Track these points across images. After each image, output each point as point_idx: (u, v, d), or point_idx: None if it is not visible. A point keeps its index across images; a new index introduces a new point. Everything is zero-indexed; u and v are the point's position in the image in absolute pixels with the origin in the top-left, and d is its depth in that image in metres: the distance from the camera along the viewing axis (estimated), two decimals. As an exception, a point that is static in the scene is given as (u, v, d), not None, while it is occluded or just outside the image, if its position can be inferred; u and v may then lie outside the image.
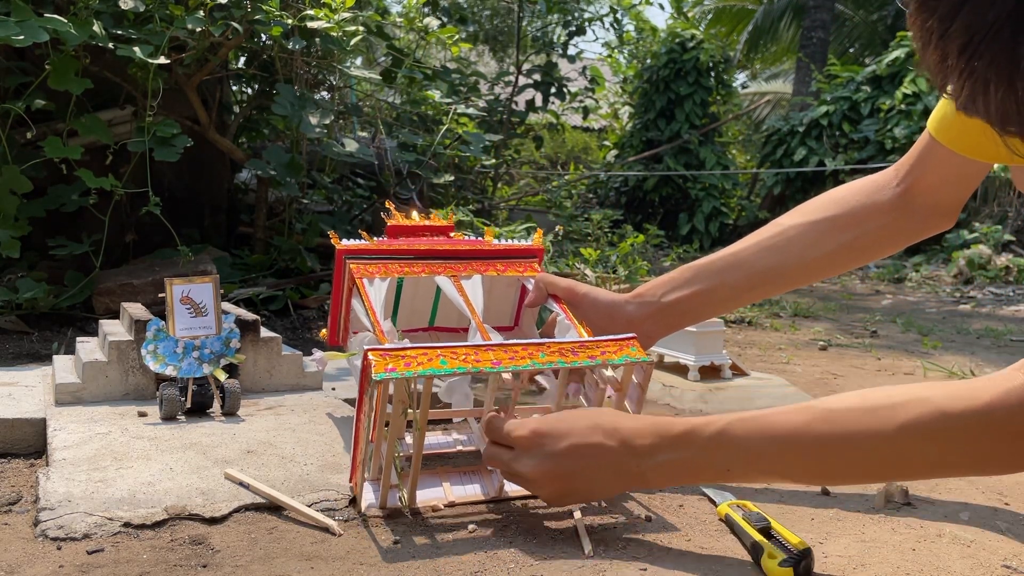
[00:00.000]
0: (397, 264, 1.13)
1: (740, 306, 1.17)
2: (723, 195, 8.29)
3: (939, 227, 1.07)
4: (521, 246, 1.21)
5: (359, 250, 1.13)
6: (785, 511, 1.02)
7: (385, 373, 0.87)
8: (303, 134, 2.60)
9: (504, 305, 1.25)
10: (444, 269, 1.14)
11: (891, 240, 1.08)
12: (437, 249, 1.16)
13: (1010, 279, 4.93)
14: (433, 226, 1.20)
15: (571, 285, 1.13)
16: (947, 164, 0.99)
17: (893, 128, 6.91)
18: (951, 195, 1.03)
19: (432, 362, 0.90)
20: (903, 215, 1.05)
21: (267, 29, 2.35)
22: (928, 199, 1.04)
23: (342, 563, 0.83)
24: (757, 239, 1.11)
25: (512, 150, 5.72)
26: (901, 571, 0.84)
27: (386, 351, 0.90)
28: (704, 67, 8.24)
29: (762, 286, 1.11)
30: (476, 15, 7.67)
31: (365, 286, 1.07)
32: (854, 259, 1.09)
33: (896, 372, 2.13)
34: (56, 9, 2.19)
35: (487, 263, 1.17)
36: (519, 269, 1.18)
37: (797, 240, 1.08)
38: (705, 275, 1.11)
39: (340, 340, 1.20)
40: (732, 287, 1.10)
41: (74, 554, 0.83)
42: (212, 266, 2.27)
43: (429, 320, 1.27)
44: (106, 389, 1.30)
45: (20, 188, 2.09)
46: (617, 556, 0.86)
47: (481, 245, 1.19)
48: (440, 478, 1.03)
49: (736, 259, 1.10)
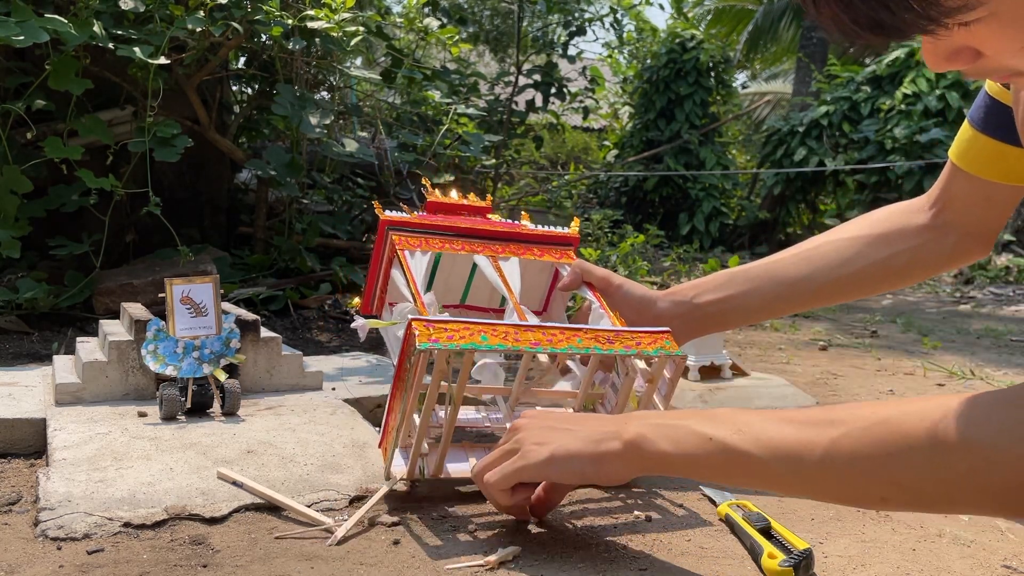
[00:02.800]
0: (438, 239, 1.14)
1: (771, 317, 1.18)
2: (723, 195, 8.29)
3: (972, 253, 1.08)
4: (558, 233, 1.22)
5: (402, 222, 1.14)
6: (785, 511, 1.02)
7: (429, 344, 0.89)
8: (303, 134, 2.60)
9: (536, 289, 1.26)
10: (483, 249, 1.15)
11: (924, 264, 1.08)
12: (477, 228, 1.17)
13: (1010, 279, 4.93)
14: (471, 205, 1.21)
15: (607, 275, 1.15)
16: (971, 188, 1.02)
17: (893, 128, 6.91)
18: (980, 219, 1.05)
19: (473, 337, 0.92)
20: (936, 238, 1.06)
21: (267, 29, 2.35)
22: (958, 223, 1.05)
23: (342, 563, 0.83)
24: (793, 251, 1.13)
25: (512, 150, 5.72)
26: (901, 571, 0.84)
27: (430, 322, 0.92)
28: (704, 67, 8.24)
29: (792, 298, 1.11)
30: (476, 15, 7.68)
31: (407, 258, 1.08)
32: (886, 280, 1.10)
33: (896, 372, 2.13)
34: (56, 9, 2.19)
35: (524, 247, 1.18)
36: (555, 255, 1.19)
37: (831, 254, 1.09)
38: (739, 281, 1.12)
39: (374, 309, 1.21)
40: (763, 295, 1.11)
41: (74, 554, 0.83)
42: (212, 266, 2.27)
43: (461, 297, 1.28)
44: (106, 389, 1.30)
45: (20, 188, 2.09)
46: (617, 556, 0.86)
47: (519, 228, 1.20)
48: (467, 452, 1.04)
49: (770, 268, 1.12)
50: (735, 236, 8.21)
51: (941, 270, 1.11)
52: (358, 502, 0.99)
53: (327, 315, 2.51)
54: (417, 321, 0.92)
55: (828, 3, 0.54)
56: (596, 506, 1.01)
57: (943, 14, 0.52)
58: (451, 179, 3.37)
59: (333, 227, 3.13)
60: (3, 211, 2.08)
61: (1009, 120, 0.93)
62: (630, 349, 0.99)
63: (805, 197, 8.02)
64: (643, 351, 0.99)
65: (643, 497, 1.06)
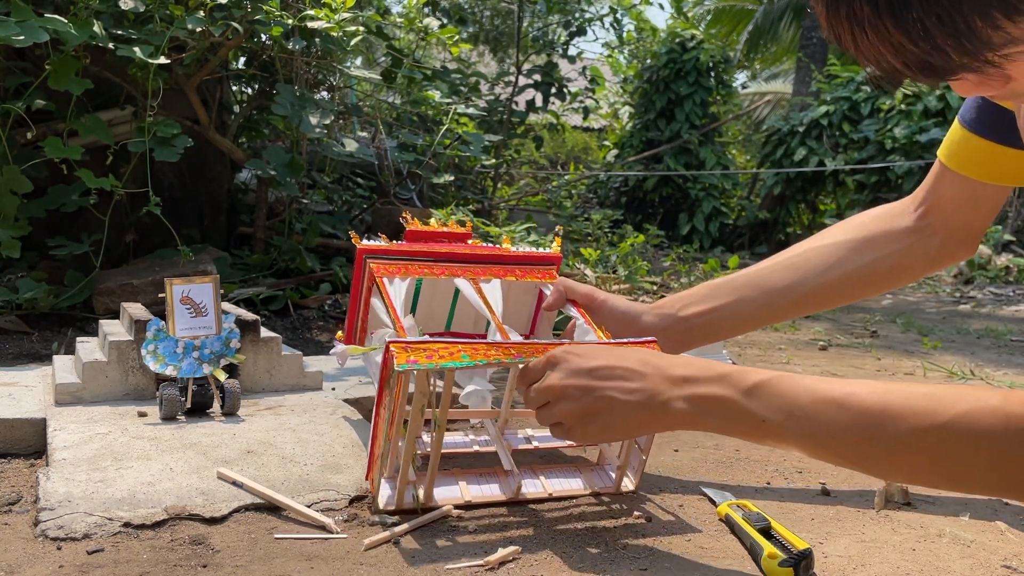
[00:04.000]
0: (417, 265, 1.13)
1: (759, 326, 1.16)
2: (723, 195, 8.29)
3: (958, 254, 1.07)
4: (540, 253, 1.22)
5: (380, 250, 1.13)
6: (785, 511, 1.02)
7: (407, 364, 0.87)
8: (303, 134, 2.60)
9: (521, 311, 1.25)
10: (463, 272, 1.14)
11: (910, 266, 1.08)
12: (457, 252, 1.16)
13: (1010, 279, 4.93)
14: (452, 232, 1.21)
15: (590, 291, 1.14)
16: (958, 187, 1.02)
17: (893, 128, 6.91)
18: (966, 219, 1.05)
19: (454, 356, 0.90)
20: (921, 240, 1.06)
21: (267, 29, 2.35)
22: (944, 224, 1.05)
23: (342, 563, 0.83)
24: (777, 258, 1.12)
25: (512, 150, 5.72)
26: (901, 571, 0.84)
27: (408, 343, 0.90)
28: (704, 67, 8.25)
29: (779, 305, 1.10)
30: (476, 16, 7.67)
31: (386, 285, 1.08)
32: (873, 284, 1.09)
33: (896, 372, 2.13)
34: (56, 9, 2.18)
35: (506, 268, 1.18)
36: (538, 276, 1.19)
37: (815, 260, 1.09)
38: (724, 292, 1.11)
39: (356, 341, 1.20)
40: (750, 304, 1.10)
41: (74, 554, 0.83)
42: (212, 266, 2.27)
43: (446, 324, 1.27)
44: (106, 389, 1.30)
45: (20, 188, 2.09)
46: (617, 556, 0.86)
47: (500, 251, 1.20)
48: (456, 478, 1.03)
49: (755, 277, 1.11)
50: (735, 236, 8.21)
51: (925, 272, 1.10)
52: (358, 502, 0.99)
53: (327, 315, 2.51)
54: (395, 344, 0.90)
55: (874, 44, 0.53)
56: (596, 507, 1.01)
57: (993, 53, 0.52)
58: (451, 179, 3.37)
59: (333, 227, 3.14)
60: (3, 211, 2.08)
61: (1003, 121, 0.93)
62: None
63: (805, 197, 8.02)
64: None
65: (643, 498, 1.06)
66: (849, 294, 1.10)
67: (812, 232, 8.73)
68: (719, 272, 3.49)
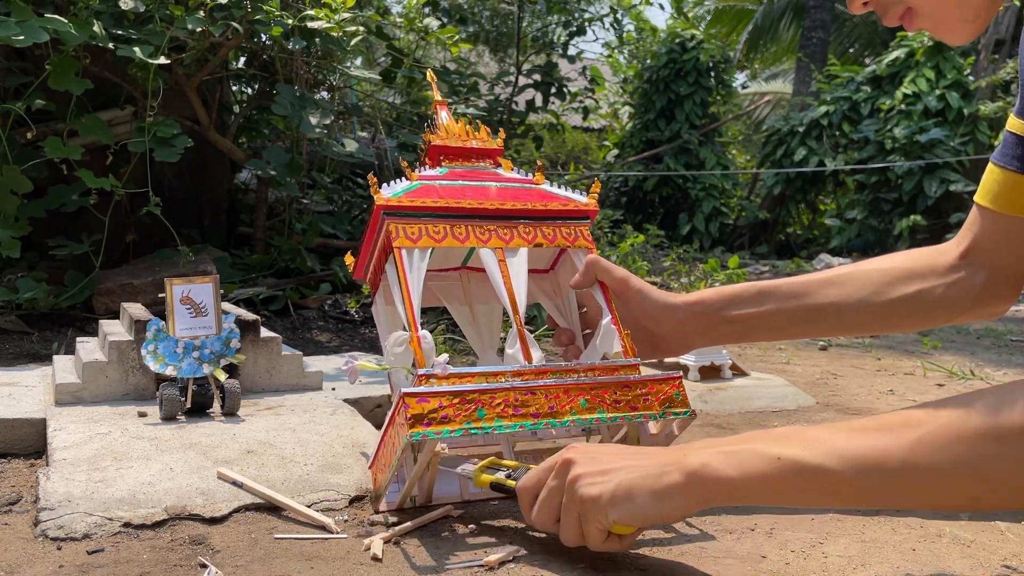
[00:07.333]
0: (440, 224, 1.04)
1: (788, 338, 1.15)
2: (723, 195, 8.30)
3: (1001, 296, 1.06)
4: (572, 207, 1.12)
5: (400, 207, 1.03)
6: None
7: (420, 434, 0.87)
8: (303, 134, 2.60)
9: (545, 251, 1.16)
10: (488, 237, 1.06)
11: (951, 305, 1.07)
12: (482, 208, 1.07)
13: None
14: (480, 149, 1.13)
15: (625, 276, 1.08)
16: (995, 227, 1.01)
17: (893, 128, 6.91)
18: (1006, 260, 1.03)
19: (470, 414, 0.90)
20: (965, 277, 1.05)
21: (267, 29, 2.35)
22: (987, 261, 1.04)
23: (342, 563, 0.83)
24: (824, 274, 1.11)
25: (512, 150, 5.72)
26: (901, 571, 0.84)
27: (422, 396, 0.89)
28: (704, 67, 8.25)
29: (818, 320, 1.09)
30: (476, 16, 7.67)
31: (404, 266, 1.00)
32: (914, 317, 1.08)
33: (896, 372, 2.13)
34: (56, 9, 2.19)
35: (534, 227, 1.09)
36: (568, 235, 1.11)
37: (861, 281, 1.08)
38: (770, 299, 1.09)
39: (366, 278, 1.15)
40: (789, 314, 1.09)
41: (74, 554, 0.83)
42: (212, 266, 2.28)
43: (463, 260, 1.20)
44: (106, 389, 1.30)
45: (20, 188, 2.09)
46: (617, 556, 0.86)
47: (531, 200, 1.10)
48: (457, 477, 1.03)
49: (800, 287, 1.10)
50: (735, 236, 8.21)
51: (969, 313, 1.07)
52: (358, 502, 0.99)
53: (327, 315, 2.52)
54: (409, 396, 0.89)
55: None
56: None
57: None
58: None
59: (333, 227, 3.14)
60: (3, 211, 2.08)
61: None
62: (638, 411, 0.97)
63: (805, 197, 8.03)
64: (650, 414, 0.98)
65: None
66: (889, 322, 1.09)
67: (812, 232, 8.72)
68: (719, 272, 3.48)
